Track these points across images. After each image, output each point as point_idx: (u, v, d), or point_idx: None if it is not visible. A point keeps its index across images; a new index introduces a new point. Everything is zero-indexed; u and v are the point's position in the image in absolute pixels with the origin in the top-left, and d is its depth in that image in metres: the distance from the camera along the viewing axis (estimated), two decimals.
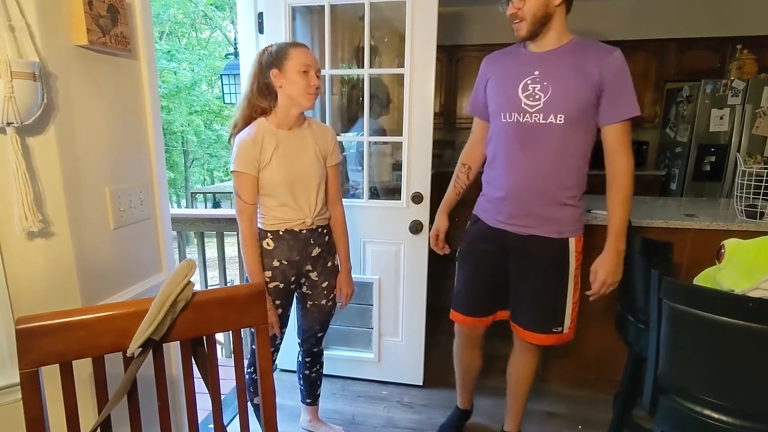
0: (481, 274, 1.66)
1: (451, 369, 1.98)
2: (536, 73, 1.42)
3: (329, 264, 1.68)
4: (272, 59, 1.45)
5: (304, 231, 1.56)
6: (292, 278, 1.58)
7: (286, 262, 1.55)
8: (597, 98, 1.39)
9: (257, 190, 1.49)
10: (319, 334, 1.77)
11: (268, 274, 1.54)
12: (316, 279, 1.66)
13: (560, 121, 1.40)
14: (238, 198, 1.48)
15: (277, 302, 1.56)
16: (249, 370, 1.68)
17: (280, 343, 1.68)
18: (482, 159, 1.69)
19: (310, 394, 1.91)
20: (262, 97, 1.49)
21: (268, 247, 1.54)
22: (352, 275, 1.77)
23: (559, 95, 1.39)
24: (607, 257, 1.47)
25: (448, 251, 1.81)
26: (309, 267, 1.62)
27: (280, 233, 1.54)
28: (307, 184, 1.54)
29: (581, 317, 2.23)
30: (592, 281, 1.49)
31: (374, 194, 2.27)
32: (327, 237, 1.66)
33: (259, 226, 1.56)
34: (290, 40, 1.56)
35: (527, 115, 1.43)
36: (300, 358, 1.84)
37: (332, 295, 1.71)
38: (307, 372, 1.85)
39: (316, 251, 1.61)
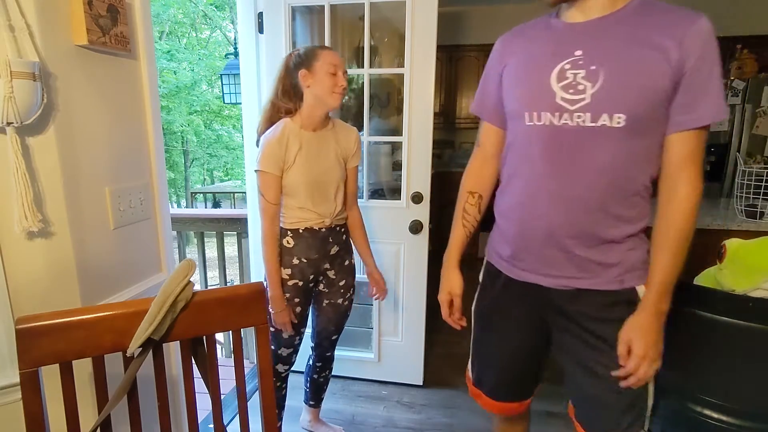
0: (511, 348, 1.18)
1: (451, 369, 1.98)
2: (578, 53, 0.94)
3: (346, 263, 1.69)
4: (300, 60, 1.47)
5: (324, 229, 1.57)
6: (311, 276, 1.59)
7: (305, 260, 1.56)
8: (674, 89, 0.92)
9: (280, 189, 1.50)
10: (333, 336, 1.75)
11: (287, 272, 1.54)
12: (334, 277, 1.66)
13: (619, 123, 0.92)
14: (262, 197, 1.49)
15: (296, 300, 1.56)
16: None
17: (299, 344, 1.67)
18: (495, 180, 1.22)
19: (315, 396, 1.91)
20: (287, 98, 1.51)
21: (287, 245, 1.54)
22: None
23: (617, 84, 0.91)
24: (644, 321, 0.96)
25: (465, 323, 1.26)
26: (327, 265, 1.62)
27: (300, 231, 1.54)
28: (327, 186, 1.55)
29: None
30: (624, 356, 0.97)
31: (374, 194, 2.26)
32: (344, 236, 1.67)
33: (282, 226, 1.58)
34: (316, 44, 1.57)
35: (566, 115, 0.95)
36: (311, 362, 1.84)
37: (349, 295, 1.71)
38: (315, 376, 1.85)
39: (334, 250, 1.62)
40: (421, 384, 2.28)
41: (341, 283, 1.67)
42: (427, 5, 1.89)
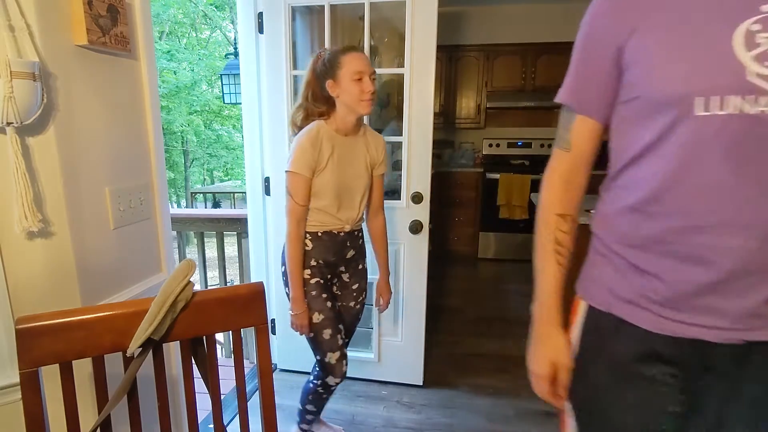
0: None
1: (451, 369, 1.98)
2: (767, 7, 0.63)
3: (360, 267, 1.69)
4: (325, 69, 1.46)
5: (342, 234, 1.57)
6: (328, 276, 1.60)
7: (322, 262, 1.56)
8: None
9: (310, 191, 1.49)
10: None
11: (308, 271, 1.54)
12: (347, 280, 1.67)
13: None
14: (290, 198, 1.48)
15: (324, 296, 1.56)
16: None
17: (345, 345, 1.64)
18: (584, 194, 0.92)
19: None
20: (319, 103, 1.50)
21: (306, 248, 1.54)
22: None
23: None
24: None
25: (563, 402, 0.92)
26: (342, 268, 1.64)
27: (319, 234, 1.54)
28: (354, 192, 1.55)
29: None
30: None
31: None
32: (360, 240, 1.68)
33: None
34: (340, 46, 1.51)
35: (766, 99, 0.63)
36: (311, 377, 1.80)
37: (361, 299, 1.71)
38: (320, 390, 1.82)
39: (350, 254, 1.63)
40: (421, 384, 2.28)
41: (354, 287, 1.68)
42: (427, 5, 1.89)
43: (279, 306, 2.34)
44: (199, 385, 0.90)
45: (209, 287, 2.91)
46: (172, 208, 2.63)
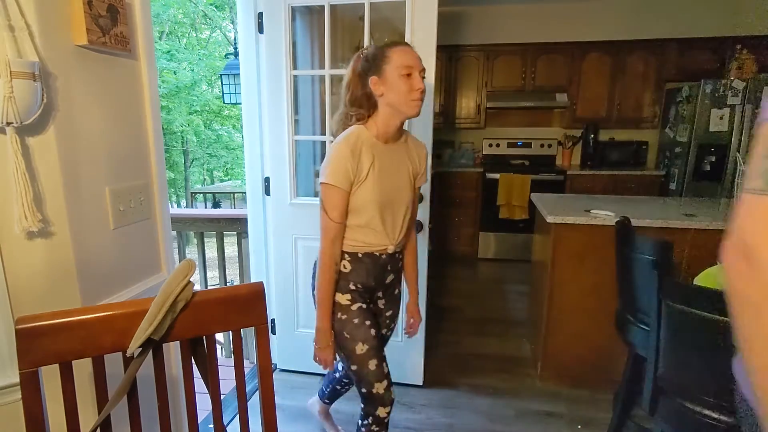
0: None
1: (451, 369, 1.98)
2: None
3: (395, 292, 1.54)
4: (369, 65, 1.29)
5: (384, 256, 1.39)
6: (367, 301, 1.43)
7: (361, 287, 1.39)
8: None
9: (347, 207, 1.30)
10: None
11: (347, 297, 1.37)
12: (382, 307, 1.51)
13: None
14: (325, 214, 1.28)
15: (367, 323, 1.37)
16: (368, 421, 1.42)
17: (389, 372, 1.40)
18: None
19: (331, 398, 1.89)
20: (358, 106, 1.32)
21: (343, 270, 1.37)
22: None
23: None
24: None
25: None
26: (380, 293, 1.48)
27: (359, 256, 1.36)
28: (397, 208, 1.37)
29: (581, 317, 2.23)
30: None
31: None
32: (400, 263, 1.51)
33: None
34: (388, 39, 1.34)
35: None
36: (337, 375, 1.80)
37: (393, 326, 1.57)
38: (339, 387, 1.82)
39: (390, 278, 1.46)
40: (421, 384, 2.28)
41: (388, 314, 1.53)
42: (427, 5, 1.89)
43: (279, 306, 2.34)
44: (199, 385, 0.90)
45: (209, 287, 2.91)
46: (172, 208, 2.63)
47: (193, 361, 0.91)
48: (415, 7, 1.90)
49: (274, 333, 2.37)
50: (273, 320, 2.36)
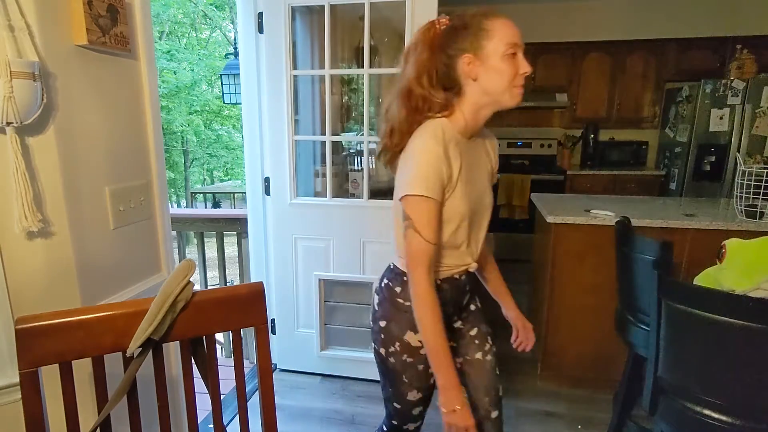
0: None
1: None
2: None
3: (473, 307, 1.26)
4: (459, 39, 1.00)
5: (464, 276, 1.15)
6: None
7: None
8: None
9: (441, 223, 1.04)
10: (493, 414, 1.21)
11: (419, 338, 1.09)
12: (461, 327, 1.24)
13: None
14: (417, 235, 0.99)
15: (430, 370, 1.10)
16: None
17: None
18: None
19: None
20: (436, 91, 1.03)
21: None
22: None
23: None
24: None
25: None
26: (455, 316, 1.23)
27: (438, 282, 1.10)
28: (481, 217, 1.14)
29: (581, 317, 2.23)
30: None
31: (374, 194, 2.26)
32: (475, 277, 1.25)
33: (402, 269, 1.12)
34: (477, 8, 1.02)
35: None
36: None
37: (487, 347, 1.23)
38: None
39: (467, 299, 1.22)
40: None
41: (472, 333, 1.23)
42: (427, 5, 1.89)
43: (279, 306, 2.34)
44: (199, 385, 0.90)
45: (209, 287, 2.91)
46: (172, 208, 2.63)
47: (193, 361, 0.91)
48: (415, 7, 1.90)
49: (274, 333, 2.37)
50: (273, 320, 2.36)
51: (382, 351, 1.16)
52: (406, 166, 1.02)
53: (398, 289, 1.13)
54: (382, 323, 1.14)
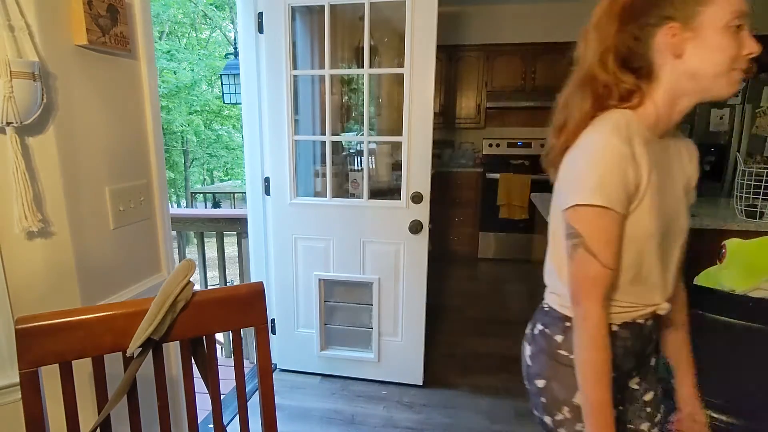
0: None
1: (451, 369, 1.97)
2: None
3: (651, 362, 0.98)
4: (660, 1, 0.77)
5: (650, 322, 0.89)
6: (617, 396, 0.88)
7: (615, 374, 0.82)
8: None
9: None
10: None
11: None
12: (637, 387, 0.97)
13: None
14: (590, 258, 0.78)
15: None
16: None
17: None
18: None
19: None
20: (623, 74, 0.81)
21: None
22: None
23: None
24: None
25: None
26: (635, 372, 0.95)
27: (614, 329, 0.85)
28: (674, 242, 0.87)
29: None
30: None
31: (374, 194, 2.27)
32: (662, 327, 0.99)
33: (563, 312, 0.90)
34: None
35: None
36: None
37: (658, 416, 0.97)
38: None
39: (649, 350, 0.94)
40: (421, 384, 2.28)
41: (647, 398, 0.97)
42: (427, 5, 1.89)
43: (279, 306, 2.34)
44: (199, 385, 0.90)
45: (209, 287, 2.91)
46: (172, 208, 2.63)
47: (193, 361, 0.91)
48: (415, 7, 1.90)
49: (274, 333, 2.37)
50: (273, 320, 2.36)
51: (548, 420, 0.94)
52: (575, 167, 0.80)
53: (558, 338, 0.89)
54: (540, 383, 0.93)
